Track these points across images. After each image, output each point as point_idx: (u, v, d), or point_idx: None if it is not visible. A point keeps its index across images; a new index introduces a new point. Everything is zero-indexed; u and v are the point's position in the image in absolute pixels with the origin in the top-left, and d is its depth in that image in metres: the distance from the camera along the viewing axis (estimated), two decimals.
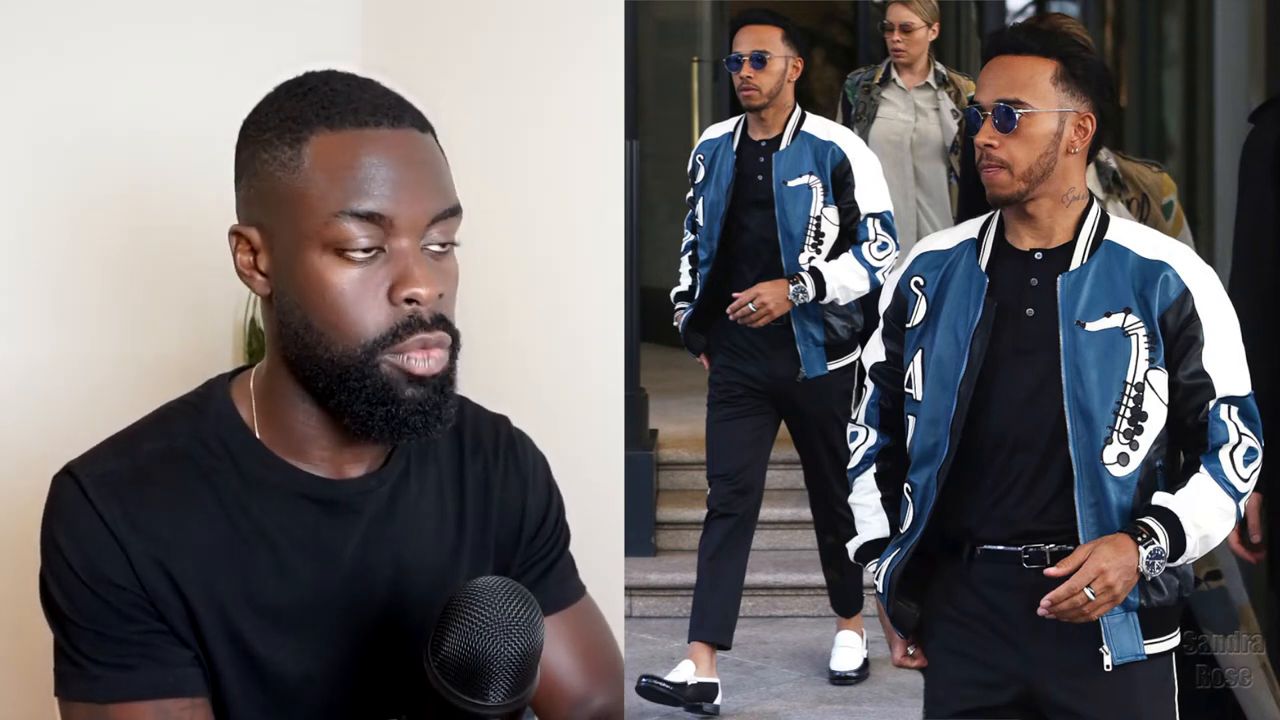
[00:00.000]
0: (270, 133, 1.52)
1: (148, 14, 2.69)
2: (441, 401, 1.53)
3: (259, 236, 1.54)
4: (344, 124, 1.49)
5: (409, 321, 1.49)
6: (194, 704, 1.53)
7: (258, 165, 1.53)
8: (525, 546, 1.76)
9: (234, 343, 2.90)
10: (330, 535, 1.59)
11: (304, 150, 1.49)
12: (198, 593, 1.53)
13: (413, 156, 1.51)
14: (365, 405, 1.50)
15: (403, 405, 1.50)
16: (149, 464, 1.55)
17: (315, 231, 1.48)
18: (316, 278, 1.49)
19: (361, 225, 1.48)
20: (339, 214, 1.47)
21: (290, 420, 1.58)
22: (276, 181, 1.51)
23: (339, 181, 1.48)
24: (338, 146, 1.49)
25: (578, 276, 3.09)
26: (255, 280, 1.55)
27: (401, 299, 1.49)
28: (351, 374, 1.50)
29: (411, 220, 1.50)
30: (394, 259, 1.50)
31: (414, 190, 1.50)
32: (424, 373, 1.51)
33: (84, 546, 1.50)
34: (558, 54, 3.07)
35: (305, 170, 1.49)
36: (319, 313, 1.50)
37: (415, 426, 1.52)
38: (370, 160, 1.48)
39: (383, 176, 1.48)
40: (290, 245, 1.50)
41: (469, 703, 1.44)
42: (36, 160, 2.54)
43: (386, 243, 1.49)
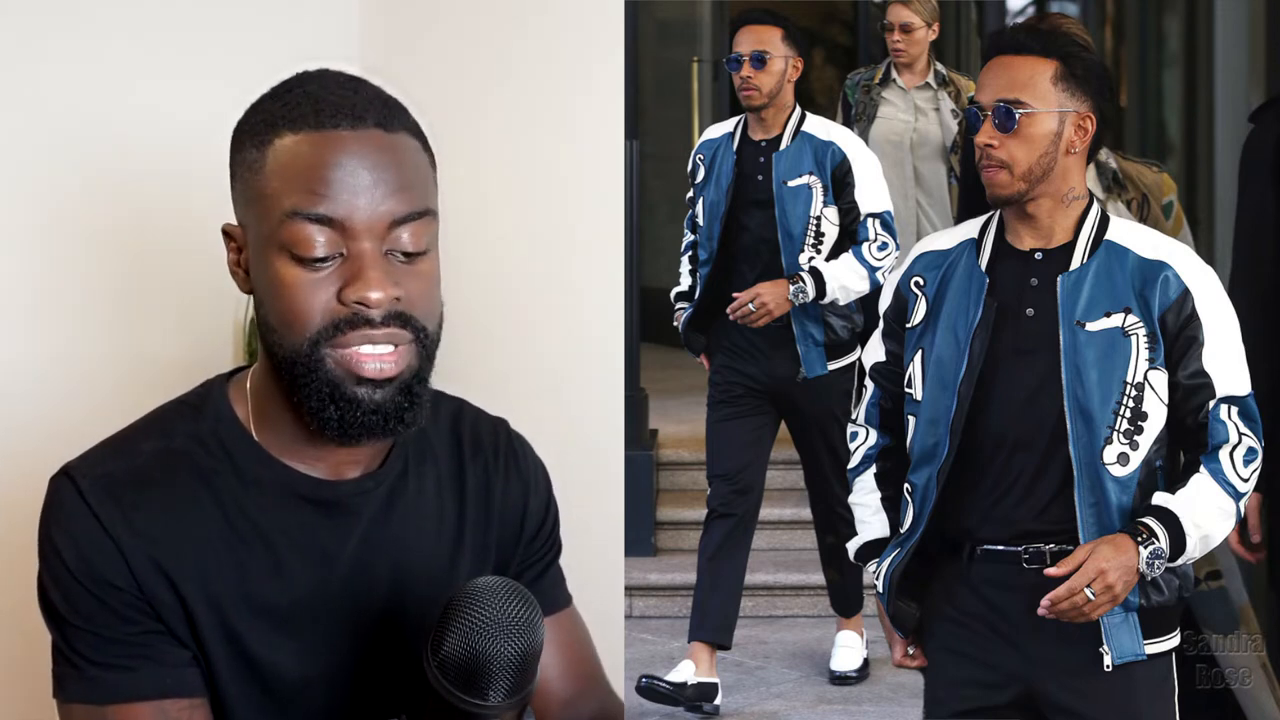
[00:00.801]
0: (246, 135, 1.54)
1: (144, 17, 2.69)
2: (405, 403, 1.51)
3: (242, 235, 1.56)
4: (304, 126, 1.49)
5: (352, 318, 1.48)
6: (193, 704, 1.53)
7: (236, 166, 1.55)
8: (524, 548, 1.76)
9: (234, 343, 2.89)
10: (328, 536, 1.59)
11: (267, 152, 1.50)
12: (195, 593, 1.53)
13: (372, 158, 1.49)
14: (317, 402, 1.50)
15: (358, 405, 1.49)
16: (146, 465, 1.55)
17: (272, 233, 1.49)
18: (273, 276, 1.50)
19: (316, 228, 1.47)
20: (291, 215, 1.47)
21: (283, 421, 1.58)
22: (247, 183, 1.53)
23: (291, 183, 1.48)
24: (295, 148, 1.49)
25: (578, 276, 3.09)
26: (239, 276, 1.58)
27: (351, 300, 1.48)
28: (299, 369, 1.50)
29: (368, 223, 1.48)
30: (351, 261, 1.48)
31: (370, 192, 1.48)
32: (374, 375, 1.49)
33: (81, 548, 1.50)
34: (558, 54, 3.07)
35: (266, 172, 1.50)
36: (275, 311, 1.51)
37: (372, 427, 1.50)
38: (325, 162, 1.48)
39: (336, 178, 1.47)
40: (258, 245, 1.52)
41: (469, 703, 1.44)
42: (36, 161, 2.54)
43: (345, 246, 1.48)
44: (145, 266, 2.71)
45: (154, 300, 2.73)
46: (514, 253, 3.06)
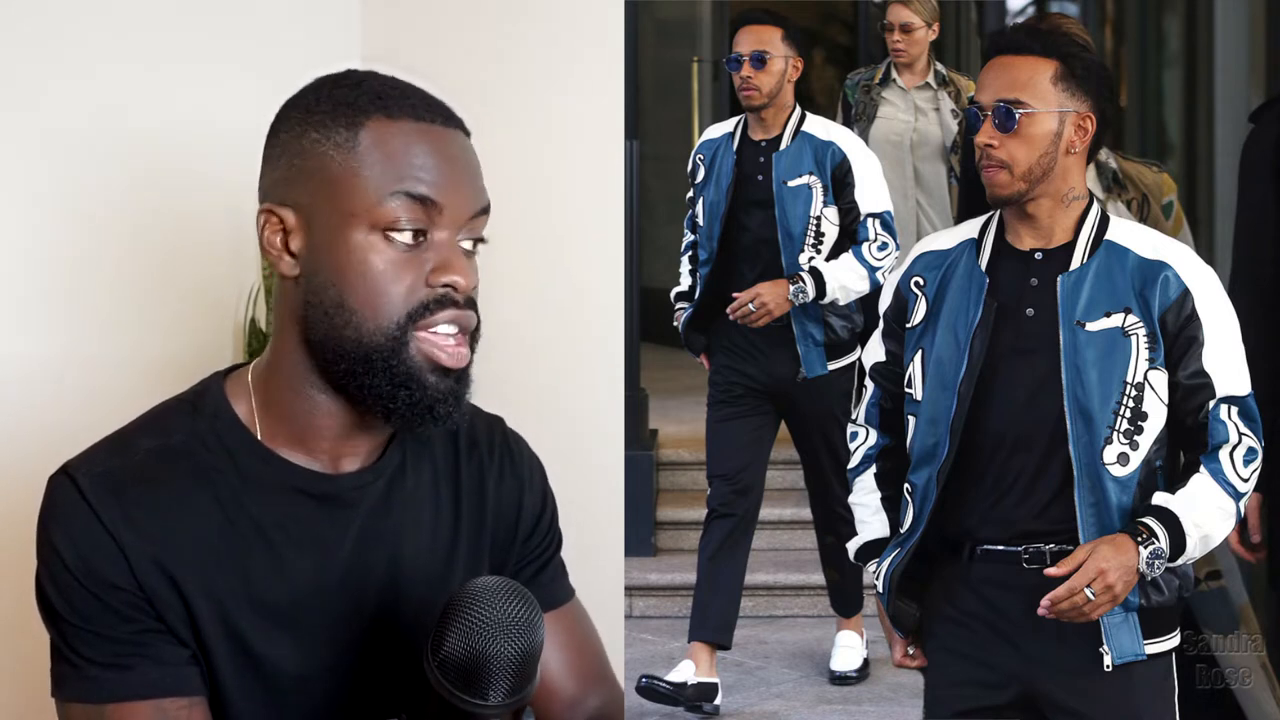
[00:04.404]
0: (323, 115, 1.55)
1: (148, 17, 2.69)
2: (460, 393, 1.57)
3: (294, 217, 1.55)
4: (401, 114, 1.55)
5: (442, 298, 1.53)
6: (191, 703, 1.53)
7: (306, 144, 1.55)
8: (521, 545, 1.76)
9: (234, 342, 2.89)
10: (327, 529, 1.59)
11: (360, 133, 1.53)
12: (196, 591, 1.53)
13: (459, 155, 1.57)
14: (389, 387, 1.52)
15: (428, 391, 1.53)
16: (146, 462, 1.55)
17: (365, 210, 1.52)
18: (360, 256, 1.52)
19: (411, 208, 1.52)
20: (392, 194, 1.52)
21: (293, 410, 1.58)
22: (328, 160, 1.53)
23: (395, 164, 1.53)
24: (395, 133, 1.54)
25: (578, 276, 3.09)
26: (283, 260, 1.57)
27: (440, 283, 1.53)
28: (377, 354, 1.52)
29: (456, 211, 1.55)
30: (435, 247, 1.54)
31: (459, 185, 1.56)
32: (451, 365, 1.54)
33: (81, 547, 1.50)
34: (558, 54, 3.07)
35: (361, 151, 1.53)
36: (356, 291, 1.52)
37: (439, 415, 1.55)
38: (424, 149, 1.54)
39: (434, 165, 1.54)
40: (333, 224, 1.53)
41: (469, 703, 1.45)
42: (38, 162, 2.54)
43: (431, 231, 1.54)
44: (147, 267, 2.71)
45: (154, 300, 2.73)
46: (514, 253, 3.06)
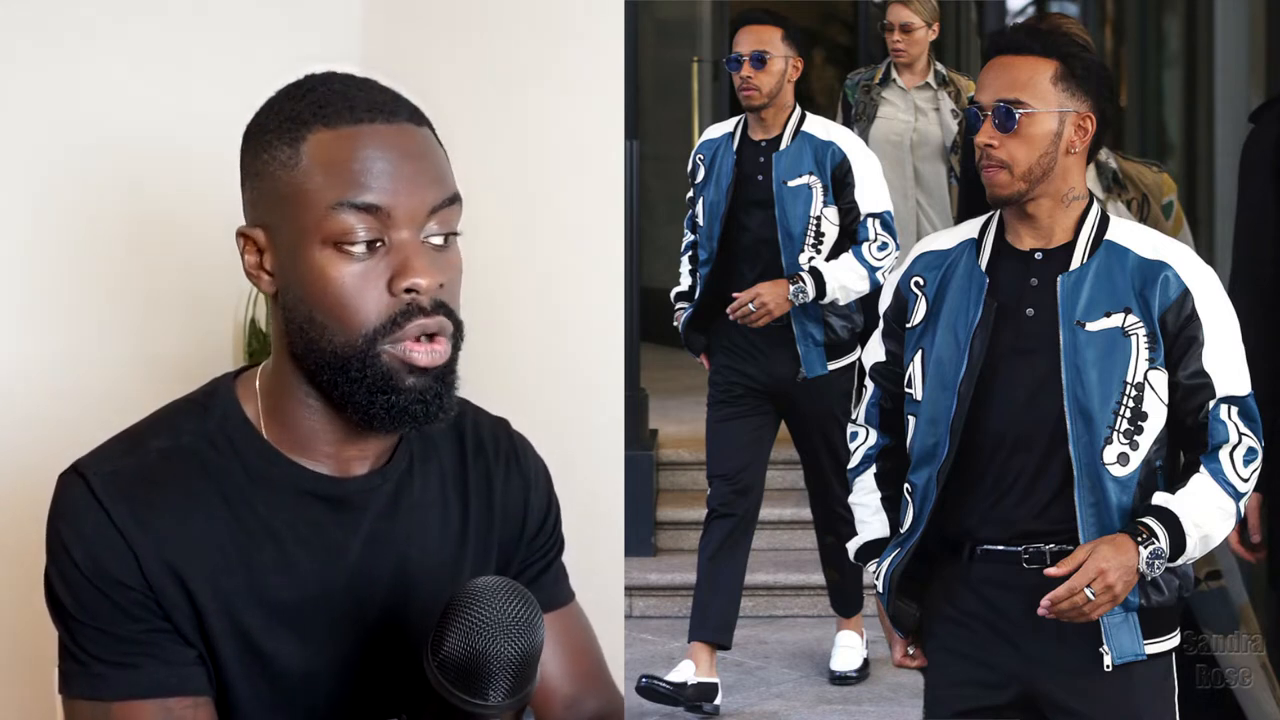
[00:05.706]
0: (270, 134, 1.54)
1: (148, 18, 2.69)
2: (443, 391, 1.55)
3: (264, 236, 1.56)
4: (340, 121, 1.52)
5: (407, 309, 1.51)
6: (197, 703, 1.53)
7: (260, 166, 1.55)
8: (526, 545, 1.77)
9: (234, 343, 2.90)
10: (335, 532, 1.60)
11: (302, 148, 1.52)
12: (204, 591, 1.53)
13: (408, 150, 1.54)
14: (366, 395, 1.52)
15: (404, 394, 1.52)
16: (156, 462, 1.55)
17: (315, 225, 1.51)
18: (319, 272, 1.51)
19: (360, 217, 1.50)
20: (336, 206, 1.50)
21: (296, 417, 1.59)
22: (277, 180, 1.53)
23: (335, 175, 1.51)
24: (334, 142, 1.52)
25: (578, 276, 3.09)
26: (262, 279, 1.58)
27: (401, 289, 1.51)
28: (353, 364, 1.52)
29: (409, 212, 1.52)
30: (394, 251, 1.52)
31: (410, 182, 1.52)
32: (426, 364, 1.53)
33: (91, 545, 1.51)
34: (558, 54, 3.07)
35: (304, 167, 1.52)
36: (322, 306, 1.52)
37: (417, 415, 1.53)
38: (366, 154, 1.51)
39: (379, 169, 1.51)
40: (292, 242, 1.53)
41: (469, 702, 1.45)
42: (38, 163, 2.54)
43: (386, 235, 1.52)
44: (147, 268, 2.71)
45: (154, 300, 2.73)
46: (514, 253, 3.06)
